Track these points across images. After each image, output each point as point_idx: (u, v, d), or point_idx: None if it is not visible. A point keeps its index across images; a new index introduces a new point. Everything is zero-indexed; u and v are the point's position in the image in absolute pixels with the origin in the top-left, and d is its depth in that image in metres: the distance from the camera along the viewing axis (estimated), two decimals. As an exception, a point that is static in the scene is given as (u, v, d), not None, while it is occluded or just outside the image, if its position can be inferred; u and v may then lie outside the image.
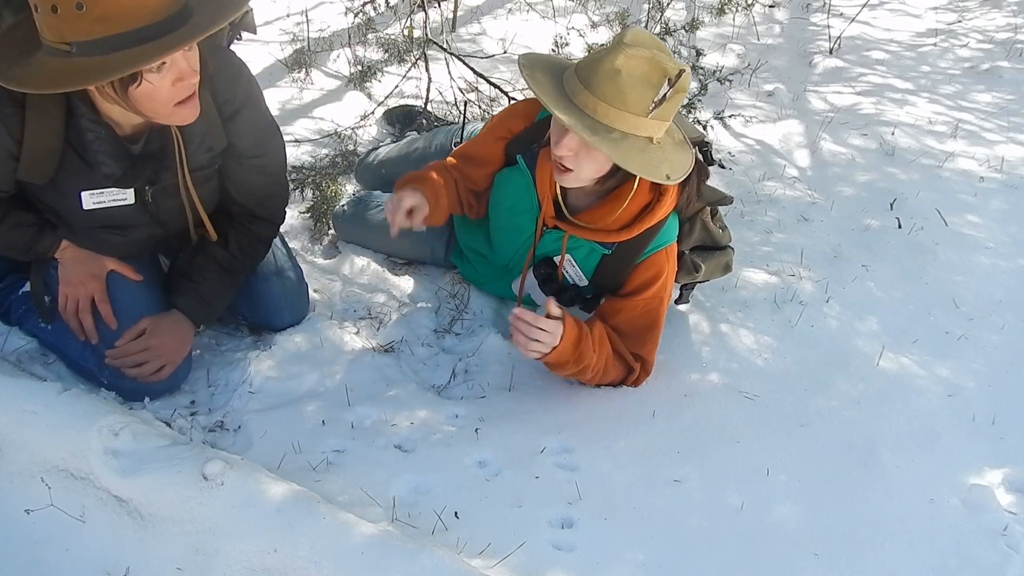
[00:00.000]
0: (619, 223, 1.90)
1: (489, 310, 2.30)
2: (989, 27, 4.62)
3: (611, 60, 1.65)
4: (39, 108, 1.62)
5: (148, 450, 1.58)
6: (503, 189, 2.08)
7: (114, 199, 1.77)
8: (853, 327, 2.32)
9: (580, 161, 1.76)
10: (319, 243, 2.55)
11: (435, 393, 2.00)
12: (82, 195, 1.74)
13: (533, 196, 1.98)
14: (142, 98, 1.55)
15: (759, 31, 4.41)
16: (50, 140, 1.65)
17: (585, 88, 1.67)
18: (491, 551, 1.54)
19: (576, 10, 4.18)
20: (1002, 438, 1.95)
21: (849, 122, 3.50)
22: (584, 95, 1.67)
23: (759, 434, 1.92)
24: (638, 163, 1.70)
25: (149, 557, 1.50)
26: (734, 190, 2.92)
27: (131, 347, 1.84)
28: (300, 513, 1.47)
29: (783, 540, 1.66)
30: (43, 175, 1.70)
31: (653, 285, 1.94)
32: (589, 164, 1.77)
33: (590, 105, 1.67)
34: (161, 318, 1.89)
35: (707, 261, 2.18)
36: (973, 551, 1.66)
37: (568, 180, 1.82)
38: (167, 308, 1.93)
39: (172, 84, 1.55)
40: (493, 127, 2.10)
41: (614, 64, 1.64)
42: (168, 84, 1.55)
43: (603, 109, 1.66)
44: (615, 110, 1.66)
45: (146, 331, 1.86)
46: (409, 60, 3.09)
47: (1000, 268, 2.61)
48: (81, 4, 1.40)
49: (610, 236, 1.91)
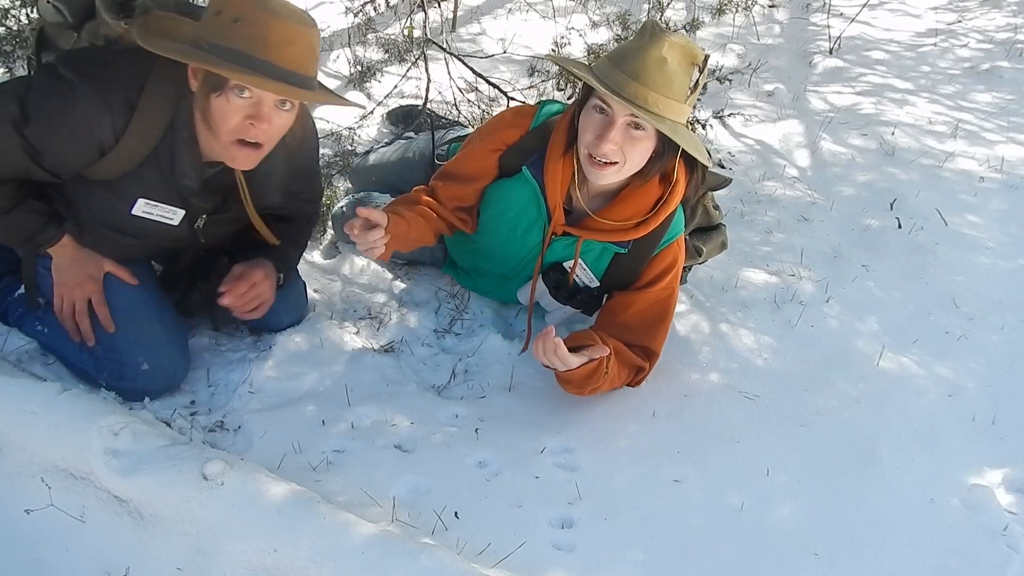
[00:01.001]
0: (636, 219, 1.89)
1: (489, 310, 2.30)
2: (989, 27, 4.62)
3: (658, 49, 1.67)
4: (148, 115, 1.66)
5: (148, 450, 1.59)
6: (505, 200, 2.03)
7: (162, 215, 1.80)
8: (853, 327, 2.31)
9: (628, 152, 1.76)
10: (319, 243, 2.55)
11: (435, 393, 2.00)
12: (139, 201, 1.76)
13: (541, 205, 1.96)
14: (215, 110, 1.61)
15: (759, 31, 4.41)
16: (144, 146, 1.69)
17: (634, 80, 1.67)
18: (491, 551, 1.55)
19: (576, 10, 4.17)
20: (1002, 438, 1.95)
21: (849, 122, 3.50)
22: (634, 86, 1.67)
23: (759, 434, 1.92)
24: (694, 146, 1.75)
25: (149, 557, 1.50)
26: (734, 190, 2.92)
27: (247, 293, 1.89)
28: (300, 513, 1.47)
29: (783, 540, 1.66)
30: (113, 173, 1.72)
31: (667, 276, 1.96)
32: (636, 155, 1.77)
33: (640, 95, 1.67)
34: (254, 264, 1.92)
35: (707, 243, 2.21)
36: (973, 551, 1.66)
37: (609, 175, 1.80)
38: (164, 310, 1.93)
39: (243, 118, 1.61)
40: (485, 140, 2.03)
41: (661, 53, 1.67)
42: (241, 115, 1.60)
43: (653, 98, 1.67)
44: (664, 98, 1.68)
45: (242, 276, 1.89)
46: (409, 60, 3.09)
47: (1000, 268, 2.61)
48: (238, 19, 1.54)
49: (627, 234, 1.91)
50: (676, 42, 1.69)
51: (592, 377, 1.83)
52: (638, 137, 1.73)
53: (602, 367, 1.82)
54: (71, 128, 1.63)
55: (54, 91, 1.62)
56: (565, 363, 1.75)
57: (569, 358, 1.75)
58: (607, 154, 1.75)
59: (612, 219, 1.91)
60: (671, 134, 1.69)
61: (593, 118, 1.75)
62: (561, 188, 1.91)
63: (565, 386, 1.91)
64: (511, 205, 2.01)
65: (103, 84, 1.62)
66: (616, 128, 1.71)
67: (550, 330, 1.73)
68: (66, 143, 1.65)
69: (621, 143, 1.74)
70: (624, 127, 1.72)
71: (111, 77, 1.63)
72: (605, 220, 1.91)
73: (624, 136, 1.73)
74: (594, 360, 1.79)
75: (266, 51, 1.54)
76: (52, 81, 1.63)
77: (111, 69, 1.64)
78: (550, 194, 1.93)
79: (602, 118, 1.74)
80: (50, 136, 1.63)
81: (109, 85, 1.62)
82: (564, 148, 1.88)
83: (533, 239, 2.02)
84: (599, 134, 1.74)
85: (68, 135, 1.63)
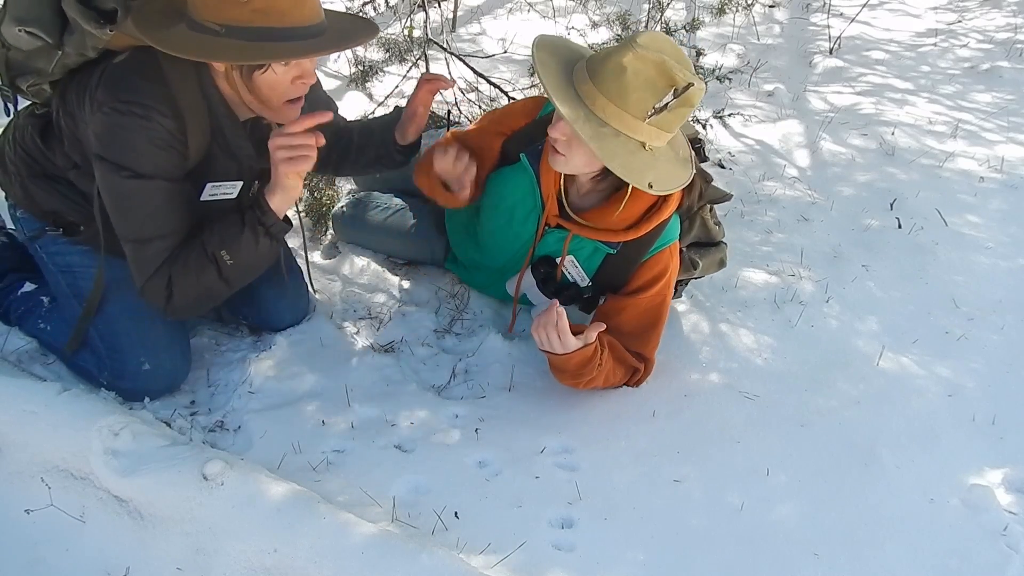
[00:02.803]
0: (625, 222, 1.89)
1: (489, 310, 2.30)
2: (989, 27, 4.62)
3: (620, 56, 1.64)
4: (190, 110, 1.69)
5: (148, 450, 1.59)
6: (502, 189, 2.05)
7: (225, 193, 1.84)
8: (853, 327, 2.32)
9: (571, 148, 1.76)
10: (319, 243, 2.55)
11: (435, 393, 2.00)
12: (207, 186, 1.80)
13: (536, 195, 1.97)
14: (263, 86, 1.65)
15: (759, 31, 4.41)
16: (203, 135, 1.73)
17: (590, 79, 1.67)
18: (491, 551, 1.55)
19: (576, 10, 4.17)
20: (1002, 438, 1.95)
21: (849, 122, 3.50)
22: (588, 85, 1.67)
23: (759, 434, 1.92)
24: (621, 163, 1.68)
25: (149, 557, 1.50)
26: (734, 190, 2.92)
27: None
28: (300, 513, 1.47)
29: (783, 540, 1.66)
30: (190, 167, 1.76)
31: (657, 283, 1.95)
32: (579, 153, 1.76)
33: (590, 96, 1.67)
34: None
35: (704, 258, 2.19)
36: (973, 551, 1.66)
37: (559, 164, 1.82)
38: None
39: (292, 81, 1.66)
40: (495, 121, 2.07)
41: (621, 61, 1.64)
42: (289, 79, 1.66)
43: (602, 103, 1.66)
44: (613, 106, 1.65)
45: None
46: (409, 60, 3.09)
47: (1000, 268, 2.61)
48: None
49: (616, 236, 1.91)
50: (648, 56, 1.62)
51: (587, 365, 1.83)
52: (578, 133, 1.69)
53: (596, 356, 1.83)
54: (150, 151, 1.65)
55: (114, 132, 1.63)
56: (564, 342, 1.76)
57: (569, 337, 1.76)
58: (556, 141, 1.76)
59: (596, 222, 1.92)
60: (590, 140, 1.64)
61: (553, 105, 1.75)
62: (555, 178, 1.91)
63: (559, 375, 1.91)
64: (508, 194, 2.03)
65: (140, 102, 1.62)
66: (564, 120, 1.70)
67: (555, 303, 1.74)
68: (160, 160, 1.67)
69: (569, 136, 1.73)
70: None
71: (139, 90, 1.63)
72: (588, 222, 1.92)
73: (571, 131, 1.70)
74: (590, 344, 1.80)
75: (283, 18, 1.56)
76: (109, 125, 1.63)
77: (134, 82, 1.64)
78: (544, 183, 1.94)
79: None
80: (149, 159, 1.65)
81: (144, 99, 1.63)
82: None
83: (528, 230, 2.03)
84: (554, 122, 1.76)
85: (152, 155, 1.66)
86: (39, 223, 1.92)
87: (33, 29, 1.65)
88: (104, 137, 1.65)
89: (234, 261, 1.72)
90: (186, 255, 1.71)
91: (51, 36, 1.66)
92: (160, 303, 1.74)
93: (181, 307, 1.76)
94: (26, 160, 1.87)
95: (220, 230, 1.71)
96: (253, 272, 1.80)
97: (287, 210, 1.75)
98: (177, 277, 1.71)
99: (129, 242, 1.71)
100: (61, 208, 1.88)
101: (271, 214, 1.71)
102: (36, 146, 1.85)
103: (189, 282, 1.72)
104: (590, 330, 1.80)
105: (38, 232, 1.93)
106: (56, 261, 1.92)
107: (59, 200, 1.87)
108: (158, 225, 1.69)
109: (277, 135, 1.64)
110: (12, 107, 1.86)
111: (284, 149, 1.63)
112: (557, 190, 1.94)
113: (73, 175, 1.82)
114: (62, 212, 1.89)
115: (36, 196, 1.88)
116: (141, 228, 1.69)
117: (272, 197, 1.70)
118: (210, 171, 1.79)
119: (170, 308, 1.75)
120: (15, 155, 1.89)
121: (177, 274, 1.71)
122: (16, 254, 2.07)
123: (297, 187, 1.71)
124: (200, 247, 1.71)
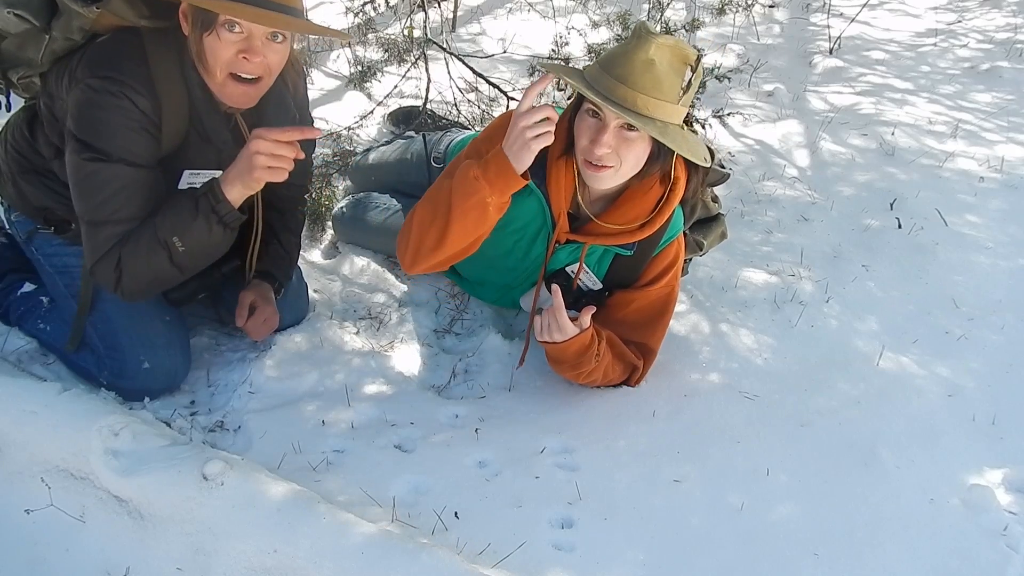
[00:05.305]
0: (639, 219, 1.90)
1: (489, 310, 2.30)
2: (989, 27, 4.62)
3: (644, 51, 1.67)
4: (169, 92, 1.69)
5: (148, 450, 1.59)
6: (510, 212, 1.94)
7: (203, 182, 1.79)
8: (853, 327, 2.32)
9: (623, 154, 1.76)
10: (319, 243, 2.55)
11: (435, 393, 2.00)
12: (184, 173, 1.79)
13: (547, 215, 1.95)
14: (208, 50, 1.63)
15: (759, 31, 4.41)
16: (180, 120, 1.73)
17: (622, 84, 1.68)
18: (491, 551, 1.54)
19: (576, 10, 4.18)
20: (1002, 438, 1.95)
21: (849, 122, 3.50)
22: (622, 90, 1.68)
23: (759, 434, 1.92)
24: (687, 147, 1.74)
25: (149, 557, 1.50)
26: (734, 190, 2.92)
27: (261, 328, 1.99)
28: (300, 513, 1.47)
29: (783, 540, 1.66)
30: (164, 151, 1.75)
31: (668, 274, 1.96)
32: (632, 157, 1.77)
33: (629, 99, 1.67)
34: (258, 292, 2.00)
35: (707, 236, 2.21)
36: (973, 551, 1.66)
37: (607, 178, 1.80)
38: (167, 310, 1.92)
39: (235, 54, 1.63)
40: (491, 140, 1.93)
41: (648, 55, 1.66)
42: (232, 50, 1.63)
43: (643, 101, 1.67)
44: (653, 100, 1.67)
45: (253, 307, 1.97)
46: (409, 60, 3.09)
47: (1000, 268, 2.61)
48: None
49: (632, 236, 1.91)
50: (665, 43, 1.68)
51: (586, 354, 1.84)
52: (632, 139, 1.73)
53: (594, 344, 1.84)
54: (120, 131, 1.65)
55: (86, 109, 1.64)
56: (562, 325, 1.79)
57: (566, 320, 1.79)
58: (602, 158, 1.75)
59: (615, 222, 1.91)
60: (660, 136, 1.69)
61: (587, 122, 1.75)
62: (565, 195, 1.90)
63: (558, 367, 1.91)
64: (516, 216, 1.97)
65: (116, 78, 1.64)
66: (609, 131, 1.72)
67: (556, 289, 1.78)
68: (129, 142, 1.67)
69: (616, 146, 1.74)
70: (616, 130, 1.72)
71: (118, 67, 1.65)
72: (608, 224, 1.91)
73: (618, 139, 1.73)
74: (587, 330, 1.82)
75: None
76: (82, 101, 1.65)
77: (114, 59, 1.66)
78: (554, 201, 1.92)
79: (595, 122, 1.74)
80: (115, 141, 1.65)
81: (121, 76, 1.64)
82: (560, 153, 1.88)
83: (537, 249, 2.02)
84: (593, 138, 1.75)
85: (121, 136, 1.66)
86: (32, 223, 1.93)
87: (21, 12, 1.67)
88: (76, 113, 1.65)
89: (186, 248, 1.69)
90: (136, 238, 1.69)
91: (38, 19, 1.67)
92: (110, 285, 1.73)
93: (131, 290, 1.74)
94: (16, 158, 1.89)
95: (172, 215, 1.69)
96: (206, 259, 1.78)
97: (241, 201, 1.71)
98: (127, 260, 1.69)
99: (84, 222, 1.71)
100: (50, 204, 1.89)
101: (226, 203, 1.68)
102: (24, 138, 1.87)
103: (139, 265, 1.70)
104: (583, 315, 1.82)
105: (32, 232, 1.93)
106: (52, 262, 1.92)
107: (48, 195, 1.88)
108: (114, 209, 1.68)
109: (264, 136, 1.60)
110: (5, 99, 1.88)
111: (266, 156, 1.61)
112: (568, 206, 1.93)
113: (56, 165, 1.82)
114: (52, 208, 1.89)
115: (27, 193, 1.89)
116: (96, 210, 1.68)
117: (231, 188, 1.66)
118: (186, 157, 1.78)
119: (120, 290, 1.73)
120: (7, 155, 1.90)
121: (127, 257, 1.69)
122: (16, 254, 2.07)
123: (259, 186, 1.68)
124: (152, 231, 1.69)
